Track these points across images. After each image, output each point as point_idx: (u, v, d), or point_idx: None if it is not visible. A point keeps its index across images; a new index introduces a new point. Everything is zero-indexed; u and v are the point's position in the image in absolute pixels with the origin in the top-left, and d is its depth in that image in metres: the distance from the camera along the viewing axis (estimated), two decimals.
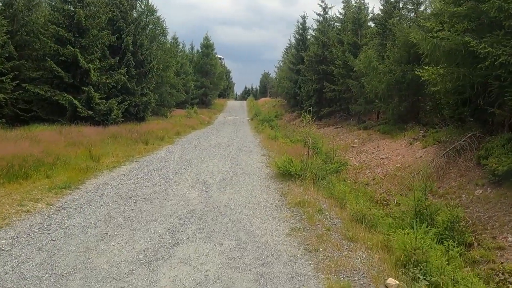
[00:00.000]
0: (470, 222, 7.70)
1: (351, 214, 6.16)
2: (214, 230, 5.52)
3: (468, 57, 10.33)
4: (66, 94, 17.45)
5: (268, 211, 6.45)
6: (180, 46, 38.99)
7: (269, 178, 9.04)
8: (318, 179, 8.15)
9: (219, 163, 11.16)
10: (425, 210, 7.33)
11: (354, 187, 11.17)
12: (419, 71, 11.88)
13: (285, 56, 45.83)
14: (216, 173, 9.58)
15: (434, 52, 10.25)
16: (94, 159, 10.93)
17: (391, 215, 7.78)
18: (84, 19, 18.53)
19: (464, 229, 7.05)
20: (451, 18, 10.55)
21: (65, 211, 6.39)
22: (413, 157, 11.86)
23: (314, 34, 29.35)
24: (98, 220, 5.94)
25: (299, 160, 9.31)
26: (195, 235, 5.32)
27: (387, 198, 9.99)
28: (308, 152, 8.92)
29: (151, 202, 6.90)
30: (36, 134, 12.96)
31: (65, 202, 6.88)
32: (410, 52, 16.56)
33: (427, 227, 6.65)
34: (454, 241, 6.47)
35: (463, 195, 8.78)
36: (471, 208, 8.19)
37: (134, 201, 7.02)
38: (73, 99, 17.35)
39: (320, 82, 26.04)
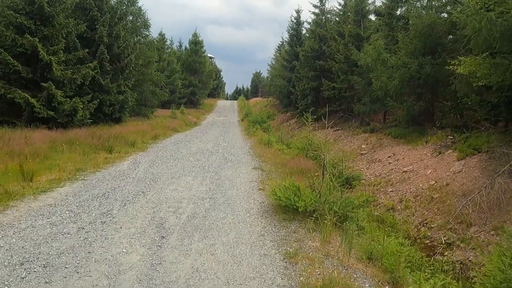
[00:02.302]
0: None
1: None
2: None
3: None
4: (21, 92, 14.00)
5: None
6: (168, 43, 35.44)
7: (264, 215, 5.61)
8: (345, 220, 4.83)
9: (195, 182, 7.82)
10: None
11: (376, 213, 7.95)
12: (454, 63, 8.83)
13: (277, 54, 42.16)
14: (185, 203, 6.22)
15: (490, 31, 7.12)
16: (26, 177, 7.59)
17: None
18: (47, 4, 15.11)
19: None
20: None
21: None
22: (448, 172, 8.66)
23: (310, 27, 25.87)
24: None
25: (307, 183, 6.04)
26: None
27: (429, 234, 6.75)
28: (323, 174, 5.63)
29: (46, 282, 3.56)
30: None
31: None
32: (426, 43, 13.54)
33: None
34: None
35: None
36: None
37: (22, 275, 3.68)
38: (29, 98, 13.88)
39: (317, 80, 22.71)
